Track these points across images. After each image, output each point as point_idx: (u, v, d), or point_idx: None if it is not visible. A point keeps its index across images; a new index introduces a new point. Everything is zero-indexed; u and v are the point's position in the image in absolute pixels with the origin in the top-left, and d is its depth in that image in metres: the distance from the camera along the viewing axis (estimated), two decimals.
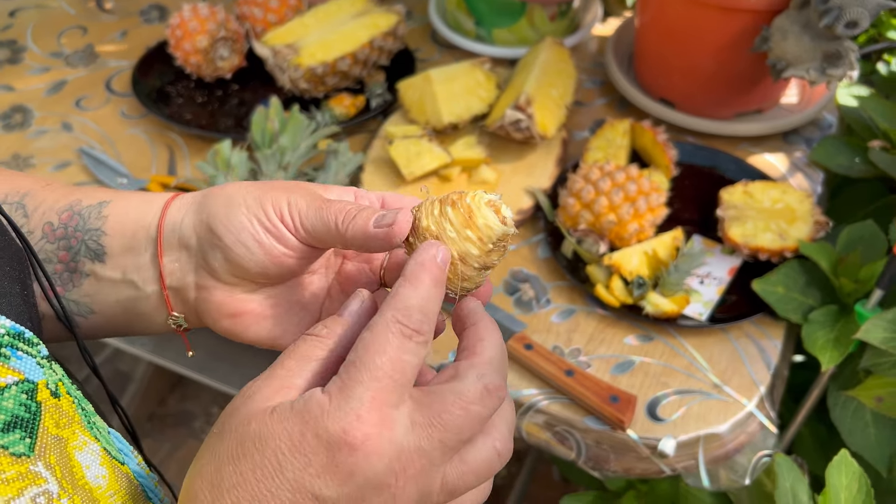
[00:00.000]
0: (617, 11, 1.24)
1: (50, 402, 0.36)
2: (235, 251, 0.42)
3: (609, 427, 0.72)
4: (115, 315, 0.47)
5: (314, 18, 1.05)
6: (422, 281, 0.36)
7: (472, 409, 0.35)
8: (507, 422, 0.38)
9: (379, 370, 0.34)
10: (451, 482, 0.36)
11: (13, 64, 1.17)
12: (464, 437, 0.35)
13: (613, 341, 0.79)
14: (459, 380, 0.36)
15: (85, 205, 0.46)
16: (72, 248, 0.45)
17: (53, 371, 0.38)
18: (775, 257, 0.82)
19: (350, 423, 0.33)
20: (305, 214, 0.41)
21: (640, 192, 0.83)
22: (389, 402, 0.34)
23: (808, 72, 0.85)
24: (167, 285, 0.45)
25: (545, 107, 0.94)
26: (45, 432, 0.35)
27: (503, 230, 0.38)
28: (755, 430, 0.75)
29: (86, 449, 0.37)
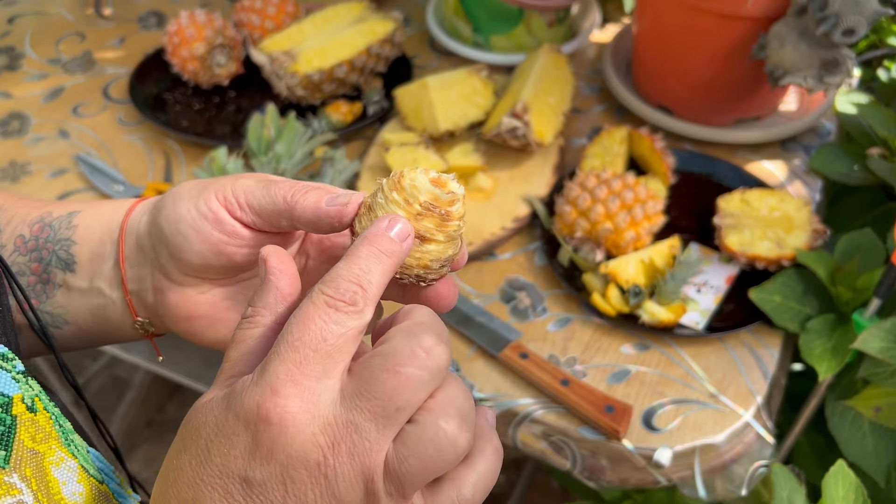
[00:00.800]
0: (615, 18, 1.24)
1: (25, 417, 0.36)
2: (174, 242, 0.41)
3: (604, 437, 0.72)
4: (87, 324, 0.47)
5: (311, 25, 1.05)
6: (359, 254, 0.34)
7: (402, 370, 0.31)
8: (453, 401, 0.33)
9: (297, 341, 0.31)
10: (394, 468, 0.31)
11: (11, 70, 1.17)
12: (398, 405, 0.31)
13: (609, 350, 0.78)
14: (388, 342, 0.32)
15: (55, 216, 0.47)
16: (43, 260, 0.46)
17: (30, 386, 0.37)
18: (773, 266, 0.82)
19: (264, 397, 0.30)
20: (252, 192, 0.40)
21: (637, 199, 0.82)
22: (310, 374, 0.31)
23: (806, 79, 0.85)
24: (129, 290, 0.45)
25: (542, 114, 0.93)
26: (21, 445, 0.35)
27: (431, 191, 0.36)
28: (752, 440, 0.74)
29: (63, 465, 0.37)
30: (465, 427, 0.33)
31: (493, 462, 0.35)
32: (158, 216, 0.42)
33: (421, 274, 0.38)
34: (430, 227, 0.37)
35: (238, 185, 0.41)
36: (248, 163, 0.94)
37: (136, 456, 1.69)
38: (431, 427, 0.32)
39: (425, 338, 0.32)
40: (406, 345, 0.32)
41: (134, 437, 1.72)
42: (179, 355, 1.16)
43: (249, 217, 0.40)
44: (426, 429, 0.32)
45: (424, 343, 0.32)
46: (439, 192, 0.36)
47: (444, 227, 0.37)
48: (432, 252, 0.37)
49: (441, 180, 0.37)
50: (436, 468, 0.32)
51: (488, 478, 0.35)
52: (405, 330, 0.33)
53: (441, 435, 0.32)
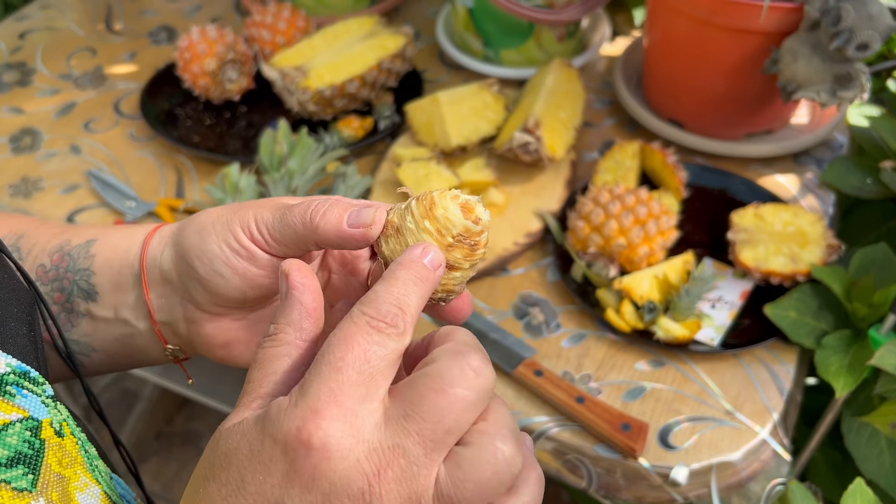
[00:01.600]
0: (625, 31, 1.24)
1: (53, 441, 0.36)
2: (212, 281, 0.41)
3: (620, 455, 0.71)
4: (116, 351, 0.47)
5: (322, 40, 1.05)
6: (397, 278, 0.33)
7: (452, 391, 0.30)
8: (506, 422, 0.32)
9: (340, 360, 0.30)
10: (448, 493, 0.30)
11: (23, 86, 1.17)
12: (447, 427, 0.30)
13: (624, 367, 0.78)
14: (434, 363, 0.31)
15: (74, 244, 0.47)
16: (65, 290, 0.46)
17: (58, 411, 0.38)
18: (787, 281, 0.82)
19: (305, 419, 0.29)
20: (272, 225, 0.40)
21: (651, 215, 0.82)
22: (353, 395, 0.30)
23: (819, 94, 0.85)
24: (157, 320, 0.45)
25: (553, 129, 0.93)
26: (48, 469, 0.35)
27: (464, 224, 0.36)
28: (768, 457, 0.74)
29: (87, 490, 0.37)
30: (519, 449, 0.32)
31: (537, 491, 0.34)
32: (187, 253, 0.42)
33: (444, 297, 0.38)
34: (458, 258, 0.37)
35: (259, 219, 0.40)
36: (260, 179, 0.94)
37: (145, 469, 1.69)
38: (489, 449, 0.31)
39: (473, 357, 0.31)
40: (455, 364, 0.31)
41: (143, 450, 1.72)
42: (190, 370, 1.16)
43: (278, 249, 0.40)
44: (484, 450, 0.31)
45: (473, 363, 0.31)
46: (471, 225, 0.36)
47: (472, 256, 0.37)
48: (457, 278, 0.38)
49: (469, 205, 0.37)
50: (493, 491, 0.31)
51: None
52: (451, 350, 0.32)
53: (500, 456, 0.31)
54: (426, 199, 0.37)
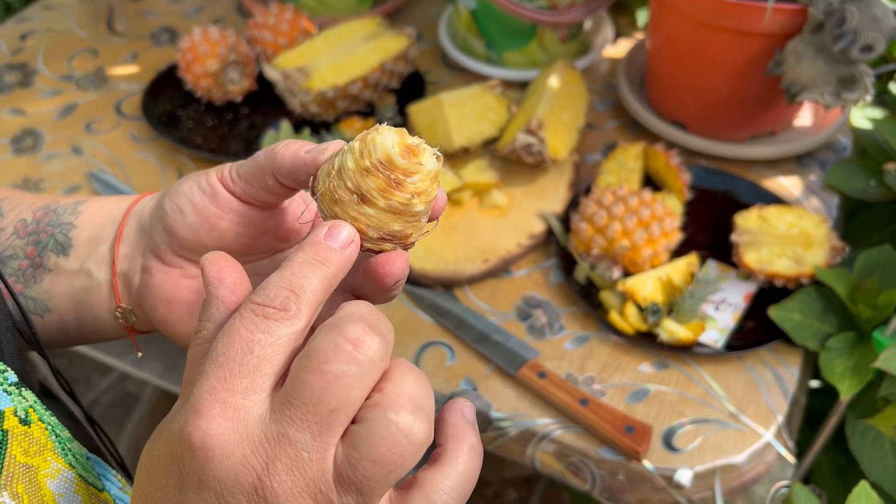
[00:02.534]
0: (628, 33, 1.24)
1: (18, 430, 0.35)
2: (171, 216, 0.42)
3: (624, 457, 0.71)
4: (69, 311, 0.47)
5: (324, 41, 1.05)
6: (292, 261, 0.32)
7: (328, 368, 0.28)
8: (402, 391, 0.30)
9: (222, 356, 0.29)
10: (347, 475, 0.28)
11: (24, 87, 1.17)
12: (332, 407, 0.28)
13: (628, 369, 0.78)
14: (310, 341, 0.30)
15: (62, 203, 0.48)
16: (40, 243, 0.46)
17: (23, 398, 0.37)
18: (791, 283, 0.81)
19: (187, 421, 0.28)
20: (243, 163, 0.41)
21: (654, 216, 0.82)
22: (235, 390, 0.28)
23: (823, 96, 0.84)
24: (118, 271, 0.45)
25: (557, 130, 0.93)
26: (13, 461, 0.34)
27: (387, 153, 0.32)
28: (773, 460, 0.73)
29: (59, 476, 0.36)
30: (420, 416, 0.29)
31: (471, 463, 0.32)
32: (164, 197, 0.43)
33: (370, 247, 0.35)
34: (372, 188, 0.33)
35: (235, 164, 0.42)
36: None
37: None
38: (381, 422, 0.29)
39: (350, 328, 0.29)
40: (329, 339, 0.29)
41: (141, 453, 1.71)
42: None
43: (240, 187, 0.41)
44: (375, 425, 0.29)
45: (350, 334, 0.29)
46: (396, 157, 0.33)
47: (389, 194, 0.33)
48: (370, 217, 0.34)
49: (414, 148, 0.33)
50: (394, 466, 0.29)
51: (465, 481, 0.32)
52: (328, 325, 0.30)
53: (392, 429, 0.29)
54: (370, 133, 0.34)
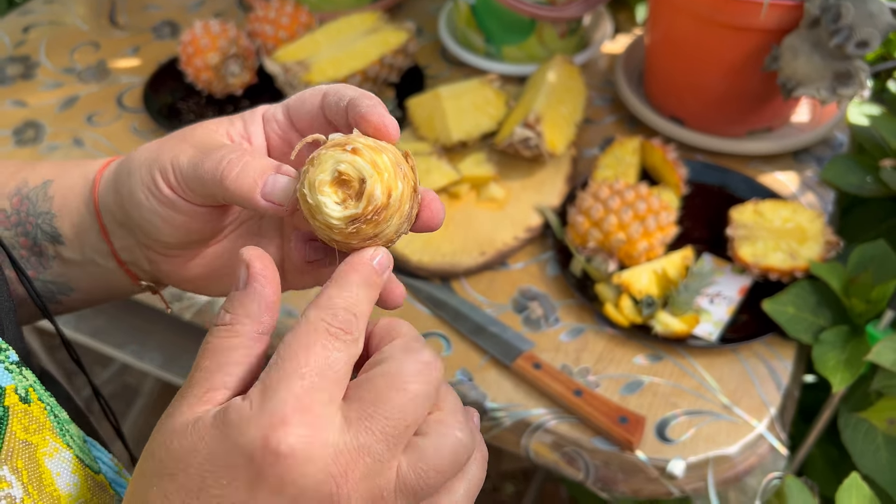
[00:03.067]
0: (626, 29, 1.24)
1: (19, 408, 0.36)
2: (146, 228, 0.41)
3: (618, 448, 0.71)
4: (93, 288, 0.47)
5: (325, 35, 1.06)
6: (350, 281, 0.34)
7: (410, 387, 0.31)
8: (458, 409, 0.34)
9: (304, 367, 0.30)
10: (411, 483, 0.31)
11: (26, 79, 1.18)
12: (408, 422, 0.31)
13: (622, 361, 0.78)
14: (387, 361, 0.32)
15: (31, 186, 0.46)
16: (29, 234, 0.45)
17: (24, 377, 0.37)
18: (786, 277, 0.82)
19: (273, 427, 0.29)
20: (185, 172, 0.38)
21: (650, 210, 0.83)
22: (318, 401, 0.30)
23: (819, 91, 0.85)
24: (122, 260, 0.45)
25: (555, 124, 0.94)
26: (13, 437, 0.35)
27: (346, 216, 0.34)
28: (765, 451, 0.74)
29: (56, 456, 0.37)
30: (472, 433, 0.34)
31: (482, 469, 0.35)
32: (123, 200, 0.41)
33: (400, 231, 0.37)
34: (370, 230, 0.35)
35: (176, 164, 0.39)
36: None
37: None
38: (450, 438, 0.32)
39: (425, 353, 0.33)
40: (410, 361, 0.32)
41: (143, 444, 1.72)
42: (189, 361, 1.16)
43: (194, 198, 0.39)
44: (445, 440, 0.32)
45: (425, 357, 0.33)
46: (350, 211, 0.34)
47: (383, 217, 0.35)
48: (393, 225, 0.36)
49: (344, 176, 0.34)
50: (451, 475, 0.33)
51: (477, 484, 0.35)
52: (403, 347, 0.33)
53: (458, 445, 0.32)
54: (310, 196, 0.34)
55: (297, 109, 0.41)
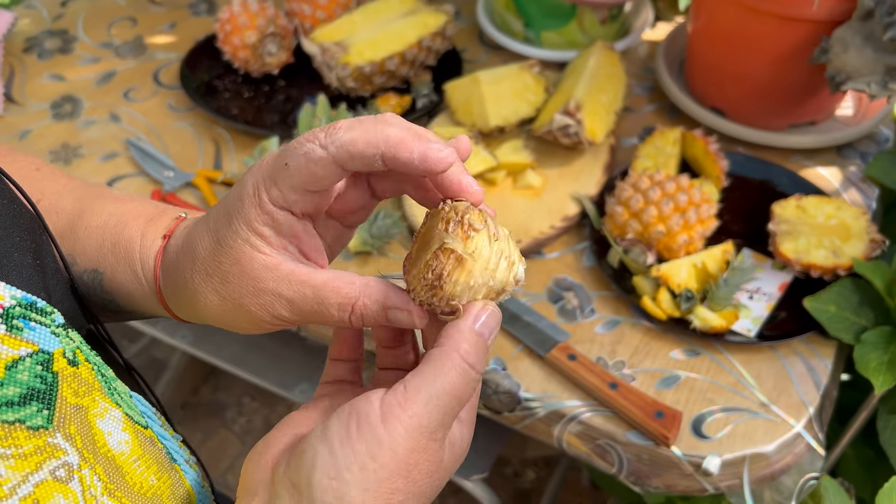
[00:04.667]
0: (668, 16, 1.22)
1: (67, 371, 0.36)
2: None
3: (653, 443, 0.71)
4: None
5: (363, 16, 1.05)
6: None
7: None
8: None
9: None
10: None
11: (64, 54, 1.18)
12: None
13: (659, 355, 0.77)
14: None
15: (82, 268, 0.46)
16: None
17: (70, 339, 0.37)
18: (828, 275, 0.80)
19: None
20: (301, 320, 0.40)
21: (691, 202, 0.81)
22: None
23: (870, 85, 0.83)
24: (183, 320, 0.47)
25: (595, 112, 0.92)
26: (64, 402, 0.35)
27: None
28: (802, 451, 0.73)
29: (107, 416, 0.37)
30: None
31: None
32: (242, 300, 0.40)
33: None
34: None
35: (283, 316, 0.40)
36: None
37: None
38: None
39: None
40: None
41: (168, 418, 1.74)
42: (218, 338, 1.17)
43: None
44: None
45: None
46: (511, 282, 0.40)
47: None
48: None
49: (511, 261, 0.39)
50: None
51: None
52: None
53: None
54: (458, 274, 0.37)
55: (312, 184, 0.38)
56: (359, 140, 0.36)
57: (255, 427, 1.75)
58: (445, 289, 0.37)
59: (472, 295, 0.38)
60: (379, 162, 0.37)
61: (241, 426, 1.75)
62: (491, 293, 0.39)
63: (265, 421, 1.76)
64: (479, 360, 0.37)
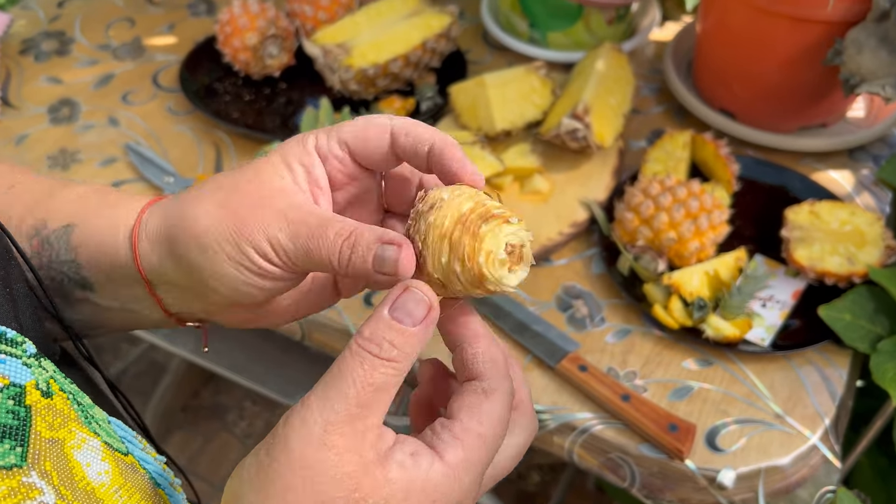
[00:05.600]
0: (675, 16, 1.20)
1: (41, 404, 0.34)
2: (235, 298, 0.40)
3: (666, 456, 0.69)
4: (124, 325, 0.46)
5: (365, 17, 1.03)
6: None
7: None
8: None
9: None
10: None
11: (61, 56, 1.16)
12: None
13: (671, 365, 0.76)
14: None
15: (51, 229, 0.44)
16: (55, 279, 0.44)
17: (43, 368, 0.36)
18: (842, 282, 0.79)
19: None
20: (292, 252, 0.38)
21: (703, 209, 0.80)
22: None
23: (885, 88, 0.81)
24: (171, 312, 0.44)
25: (603, 116, 0.91)
26: (38, 437, 0.33)
27: (515, 283, 0.38)
28: (818, 463, 0.72)
29: (84, 446, 0.35)
30: None
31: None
32: (198, 272, 0.40)
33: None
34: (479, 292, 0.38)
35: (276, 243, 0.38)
36: None
37: (171, 441, 1.70)
38: None
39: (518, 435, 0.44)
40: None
41: (169, 423, 1.73)
42: (220, 345, 1.15)
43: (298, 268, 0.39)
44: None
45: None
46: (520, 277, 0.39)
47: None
48: None
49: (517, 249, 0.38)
50: None
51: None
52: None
53: None
54: (474, 268, 0.36)
55: (359, 147, 0.41)
56: (420, 125, 0.40)
57: (256, 430, 1.73)
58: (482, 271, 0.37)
59: None
60: (424, 151, 0.39)
61: (242, 429, 1.74)
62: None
63: (267, 424, 1.74)
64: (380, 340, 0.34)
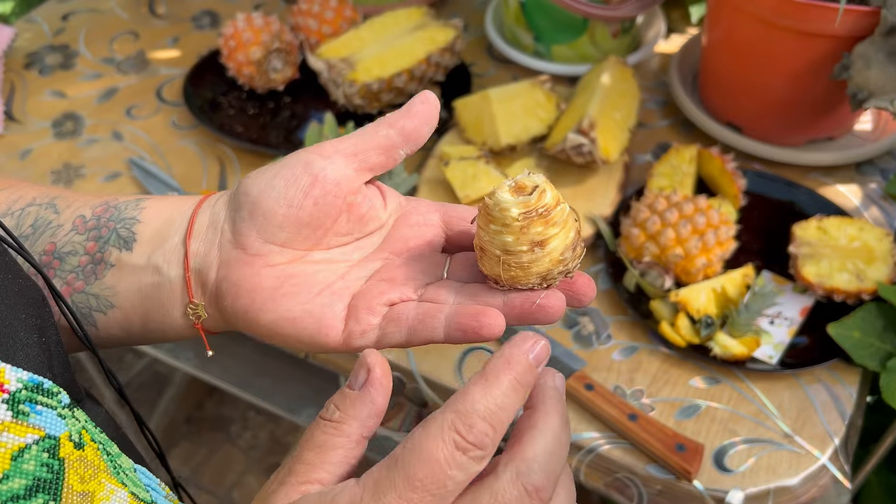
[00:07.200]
0: (680, 29, 1.20)
1: (74, 456, 0.34)
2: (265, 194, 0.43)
3: (674, 476, 0.69)
4: (135, 307, 0.46)
5: (370, 31, 1.03)
6: (499, 382, 0.32)
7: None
8: None
9: (417, 481, 0.31)
10: None
11: (65, 69, 1.16)
12: None
13: (678, 383, 0.75)
14: (496, 476, 0.32)
15: (122, 200, 0.47)
16: (101, 238, 0.45)
17: (76, 419, 0.36)
18: (851, 299, 0.78)
19: None
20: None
21: (710, 225, 0.79)
22: None
23: (893, 103, 0.80)
24: (190, 267, 0.44)
25: (608, 130, 0.90)
26: (70, 491, 0.33)
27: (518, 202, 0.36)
28: (827, 483, 0.71)
29: (113, 497, 0.35)
30: None
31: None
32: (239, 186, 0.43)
33: (562, 270, 0.39)
34: (540, 231, 0.37)
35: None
36: None
37: (175, 453, 1.70)
38: None
39: (536, 476, 0.32)
40: (513, 486, 0.32)
41: (173, 434, 1.72)
42: (224, 359, 1.15)
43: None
44: None
45: (533, 483, 0.32)
46: (524, 198, 0.36)
47: (550, 219, 0.37)
48: (557, 247, 0.37)
49: (520, 184, 0.37)
50: None
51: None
52: (516, 467, 0.32)
53: None
54: (482, 205, 0.38)
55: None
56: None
57: (260, 442, 1.73)
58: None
59: None
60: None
61: (246, 441, 1.73)
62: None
63: (270, 436, 1.74)
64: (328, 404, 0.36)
